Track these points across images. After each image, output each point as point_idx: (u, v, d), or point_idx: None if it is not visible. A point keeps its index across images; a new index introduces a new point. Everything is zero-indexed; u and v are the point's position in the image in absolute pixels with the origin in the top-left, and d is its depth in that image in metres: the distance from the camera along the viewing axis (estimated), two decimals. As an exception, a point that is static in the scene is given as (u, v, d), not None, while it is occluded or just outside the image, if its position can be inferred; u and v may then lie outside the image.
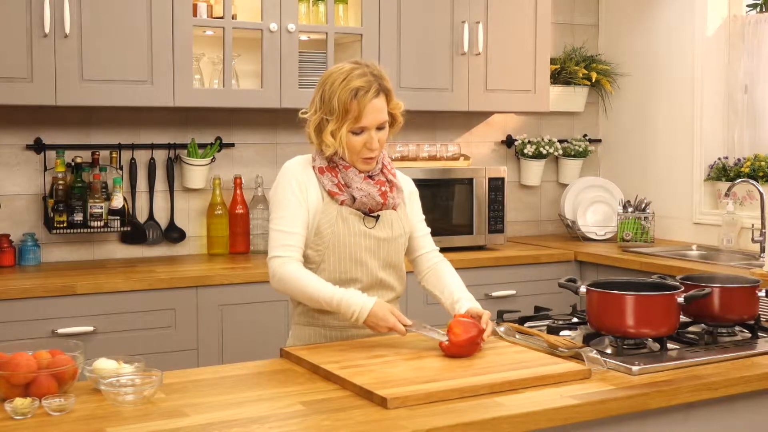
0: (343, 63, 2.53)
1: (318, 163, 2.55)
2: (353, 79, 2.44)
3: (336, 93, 2.44)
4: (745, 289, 2.49)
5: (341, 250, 2.51)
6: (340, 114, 2.44)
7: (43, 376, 1.88)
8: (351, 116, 2.44)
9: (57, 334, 3.37)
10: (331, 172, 2.53)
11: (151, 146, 4.14)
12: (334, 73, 2.49)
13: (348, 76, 2.45)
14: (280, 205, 2.52)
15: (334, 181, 2.52)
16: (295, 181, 2.52)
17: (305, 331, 2.58)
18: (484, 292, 4.19)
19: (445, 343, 2.24)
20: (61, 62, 3.60)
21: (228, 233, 4.22)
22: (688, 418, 2.13)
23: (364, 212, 2.54)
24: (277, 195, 2.54)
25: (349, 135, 2.47)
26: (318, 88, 2.52)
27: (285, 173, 2.56)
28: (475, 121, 4.91)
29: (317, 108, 2.50)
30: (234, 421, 1.80)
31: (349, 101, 2.43)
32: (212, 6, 3.98)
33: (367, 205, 2.53)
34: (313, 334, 2.56)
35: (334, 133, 2.46)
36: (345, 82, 2.44)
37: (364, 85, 2.44)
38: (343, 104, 2.43)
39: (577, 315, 2.68)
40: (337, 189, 2.52)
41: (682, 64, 4.75)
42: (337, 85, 2.45)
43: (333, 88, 2.45)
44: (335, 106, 2.44)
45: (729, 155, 4.65)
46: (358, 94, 2.43)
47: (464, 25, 4.36)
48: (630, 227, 4.63)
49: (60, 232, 3.84)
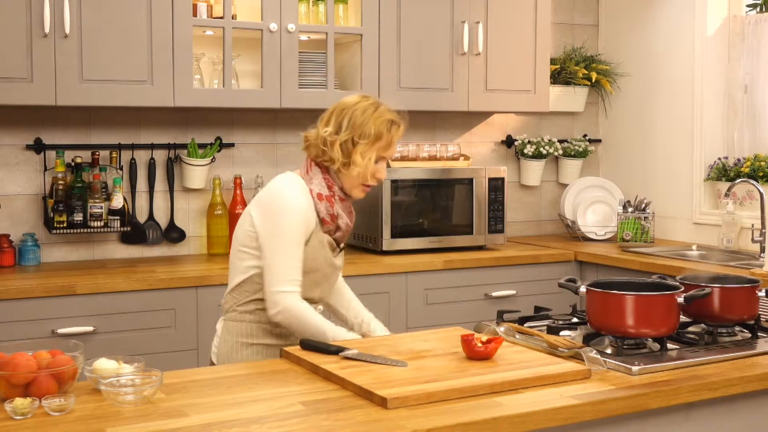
0: (354, 96, 2.68)
1: (316, 188, 2.62)
2: (385, 112, 2.63)
3: (370, 120, 2.60)
4: (745, 289, 2.49)
5: (312, 275, 2.62)
6: (373, 139, 2.59)
7: (43, 376, 1.88)
8: (381, 144, 2.61)
9: (57, 334, 3.38)
10: (329, 201, 2.63)
11: (151, 146, 4.14)
12: (360, 103, 2.63)
13: (378, 108, 2.63)
14: (286, 238, 2.56)
15: (330, 210, 2.63)
16: (303, 216, 2.58)
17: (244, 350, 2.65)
18: (483, 292, 4.19)
19: (479, 348, 2.22)
20: (61, 62, 3.60)
21: (228, 233, 4.21)
22: (688, 418, 2.13)
23: (336, 242, 2.70)
24: (285, 227, 2.55)
25: (372, 161, 2.63)
26: (339, 113, 2.63)
27: (292, 207, 2.57)
28: (475, 121, 4.91)
29: (344, 129, 2.60)
30: (234, 421, 1.80)
31: (384, 131, 2.60)
32: (212, 6, 3.98)
33: (344, 237, 2.71)
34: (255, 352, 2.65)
35: (364, 155, 2.60)
36: (378, 113, 2.61)
37: (397, 120, 2.64)
38: (377, 131, 2.59)
39: (577, 315, 2.68)
40: (329, 219, 2.63)
41: (682, 64, 4.75)
42: (371, 113, 2.60)
43: (366, 116, 2.60)
44: (369, 131, 2.59)
45: (729, 155, 4.65)
46: (393, 126, 2.62)
47: (464, 25, 4.36)
48: (630, 227, 4.63)
49: (60, 232, 3.84)
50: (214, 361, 2.68)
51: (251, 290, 2.63)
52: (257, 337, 2.64)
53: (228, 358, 2.64)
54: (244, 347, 2.64)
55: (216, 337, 2.71)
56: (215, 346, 2.70)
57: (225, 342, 2.66)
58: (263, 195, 2.64)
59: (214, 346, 2.71)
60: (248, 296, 2.64)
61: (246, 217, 2.65)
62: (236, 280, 2.66)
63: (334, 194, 2.63)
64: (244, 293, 2.64)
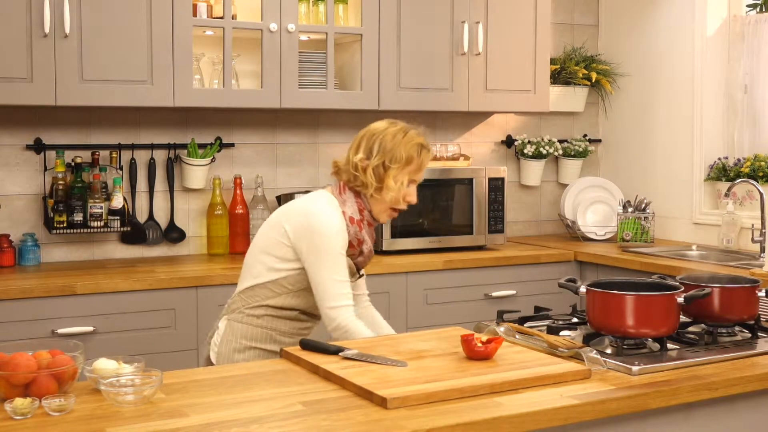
0: (383, 121, 2.74)
1: (349, 211, 2.67)
2: (415, 136, 2.70)
3: (400, 144, 2.66)
4: (745, 289, 2.49)
5: None
6: (404, 163, 2.66)
7: (43, 376, 1.88)
8: (412, 168, 2.70)
9: (57, 334, 3.38)
10: (359, 225, 2.67)
11: (151, 146, 4.14)
12: (389, 128, 2.69)
13: (407, 132, 2.70)
14: (332, 255, 2.60)
15: (358, 236, 2.68)
16: (343, 235, 2.63)
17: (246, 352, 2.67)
18: (484, 292, 4.19)
19: (479, 347, 2.22)
20: (61, 62, 3.60)
21: (228, 233, 4.22)
22: (688, 419, 2.13)
23: (357, 267, 2.74)
24: (330, 245, 2.60)
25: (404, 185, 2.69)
26: (369, 139, 2.69)
27: (335, 227, 2.62)
28: (475, 121, 4.91)
29: (375, 154, 2.66)
30: (234, 421, 1.80)
31: (415, 154, 2.68)
32: (212, 6, 3.98)
33: (365, 263, 2.76)
34: (256, 356, 2.67)
35: (396, 179, 2.66)
36: (408, 137, 2.68)
37: (426, 143, 2.73)
38: (408, 155, 2.66)
39: (577, 315, 2.68)
40: (356, 243, 2.68)
41: (682, 64, 4.75)
42: (401, 138, 2.68)
43: (396, 140, 2.66)
44: (401, 156, 2.65)
45: (729, 155, 4.65)
46: (423, 150, 2.71)
47: (464, 25, 4.36)
48: (630, 227, 4.63)
49: (60, 232, 3.84)
50: (213, 359, 2.69)
51: (263, 295, 2.65)
52: (261, 342, 2.66)
53: (228, 358, 2.65)
54: (246, 350, 2.65)
55: (217, 335, 2.72)
56: (215, 344, 2.70)
57: (227, 342, 2.66)
58: (300, 211, 2.65)
59: (215, 344, 2.71)
60: (259, 301, 2.66)
61: (278, 227, 2.66)
62: (250, 282, 2.68)
63: (363, 218, 2.68)
64: (256, 297, 2.66)
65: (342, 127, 4.54)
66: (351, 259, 2.69)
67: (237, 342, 2.66)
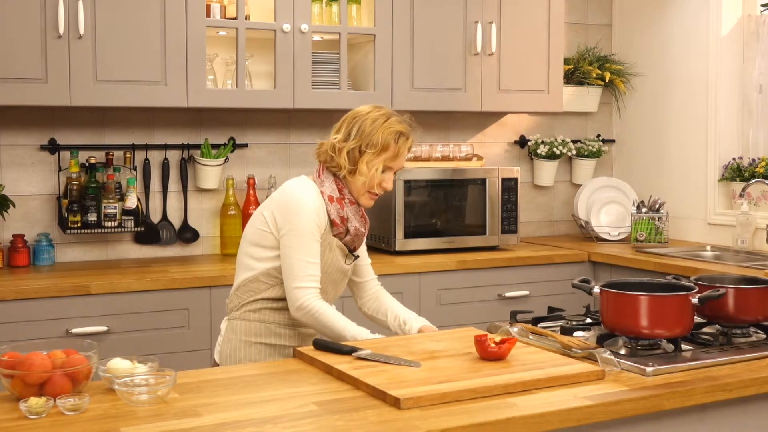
0: (368, 105, 2.71)
1: (327, 190, 2.65)
2: (395, 123, 2.65)
3: (378, 130, 2.62)
4: (760, 290, 2.48)
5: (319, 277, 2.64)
6: (380, 149, 2.62)
7: (57, 376, 1.89)
8: (388, 154, 2.64)
9: (71, 334, 3.39)
10: (339, 203, 2.65)
11: (164, 146, 4.15)
12: (371, 113, 2.66)
13: (389, 119, 2.65)
14: (302, 235, 2.58)
15: (340, 213, 2.65)
16: (316, 215, 2.61)
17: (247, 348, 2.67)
18: (497, 292, 4.19)
19: (492, 348, 2.21)
20: (76, 63, 3.61)
21: (241, 233, 4.21)
22: (702, 420, 2.12)
23: (348, 248, 2.71)
24: (301, 225, 2.58)
25: (379, 170, 2.64)
26: (350, 122, 2.66)
27: (306, 206, 2.60)
28: (488, 121, 4.90)
29: (352, 137, 2.63)
30: (247, 421, 1.80)
31: (392, 141, 2.63)
32: (225, 7, 3.99)
33: (354, 243, 2.72)
34: (258, 351, 2.67)
35: (370, 164, 2.62)
36: (387, 123, 2.64)
37: (405, 131, 2.66)
38: (384, 142, 2.62)
39: (590, 316, 2.67)
40: (339, 221, 2.66)
41: (696, 64, 4.73)
42: (380, 124, 2.64)
43: (375, 125, 2.63)
44: (377, 141, 2.62)
45: (743, 155, 4.63)
46: (400, 138, 2.65)
47: (477, 25, 4.36)
48: (644, 228, 4.61)
49: (74, 233, 3.86)
50: (217, 361, 2.70)
51: (257, 289, 2.65)
52: (261, 336, 2.66)
53: (231, 357, 2.66)
54: (247, 345, 2.66)
55: (220, 336, 2.74)
56: (219, 344, 2.72)
57: (228, 341, 2.68)
58: (276, 195, 2.68)
59: (218, 344, 2.73)
60: (253, 295, 2.66)
61: (257, 216, 2.69)
62: (242, 278, 2.69)
63: (344, 197, 2.66)
64: (250, 292, 2.66)
65: (355, 128, 4.54)
66: (339, 239, 2.68)
67: (238, 340, 2.67)
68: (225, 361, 2.66)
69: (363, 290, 2.86)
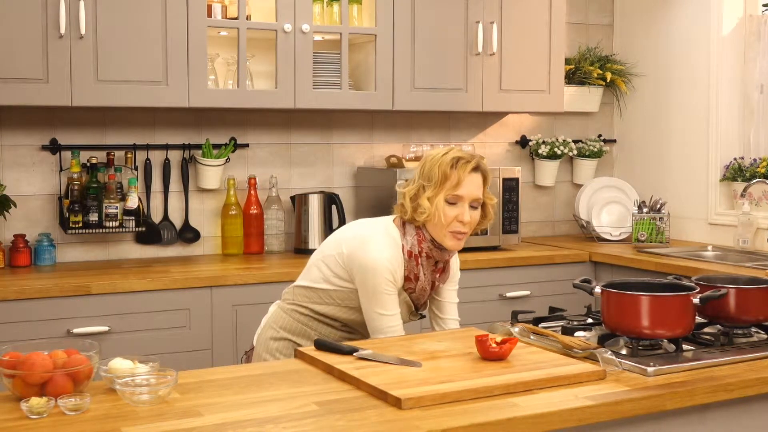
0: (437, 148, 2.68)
1: (408, 244, 2.60)
2: (453, 152, 2.58)
3: (436, 163, 2.56)
4: (762, 290, 2.48)
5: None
6: (439, 181, 2.55)
7: (58, 376, 1.89)
8: (449, 184, 2.55)
9: (72, 334, 3.39)
10: (415, 261, 2.60)
11: (165, 147, 4.15)
12: (434, 153, 2.61)
13: (448, 153, 2.58)
14: (376, 292, 2.58)
15: (414, 271, 2.61)
16: (392, 275, 2.57)
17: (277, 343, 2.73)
18: (498, 292, 4.19)
19: (494, 348, 2.22)
20: (77, 63, 3.61)
21: (242, 233, 4.22)
22: (703, 420, 2.12)
23: (415, 304, 2.70)
24: (377, 285, 2.57)
25: (444, 204, 2.56)
26: (418, 167, 2.63)
27: (382, 267, 2.56)
28: (489, 121, 4.90)
29: (415, 179, 2.61)
30: (248, 421, 1.80)
31: (449, 169, 2.54)
32: (227, 7, 3.99)
33: (418, 301, 2.70)
34: (286, 347, 2.71)
35: (431, 198, 2.55)
36: (445, 155, 2.56)
37: (465, 156, 2.58)
38: (442, 172, 2.54)
39: (591, 316, 2.67)
40: (412, 278, 2.62)
41: (697, 63, 4.73)
42: (438, 158, 2.58)
43: (433, 161, 2.58)
44: (434, 174, 2.55)
45: (745, 155, 4.63)
46: (459, 163, 2.55)
47: (478, 25, 4.36)
48: (645, 228, 4.61)
49: (75, 233, 3.86)
50: (253, 342, 2.79)
51: (312, 299, 2.70)
52: (296, 335, 2.71)
53: (264, 344, 2.74)
54: (280, 339, 2.72)
55: (265, 318, 2.80)
56: (261, 327, 2.79)
57: (269, 327, 2.76)
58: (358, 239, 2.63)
59: (260, 326, 2.80)
60: (306, 302, 2.71)
61: (337, 246, 2.66)
62: (305, 282, 2.72)
63: (422, 251, 2.61)
64: (305, 297, 2.71)
65: (356, 128, 4.55)
66: (408, 293, 2.66)
67: (275, 331, 2.73)
68: (258, 346, 2.76)
69: (440, 326, 2.82)
